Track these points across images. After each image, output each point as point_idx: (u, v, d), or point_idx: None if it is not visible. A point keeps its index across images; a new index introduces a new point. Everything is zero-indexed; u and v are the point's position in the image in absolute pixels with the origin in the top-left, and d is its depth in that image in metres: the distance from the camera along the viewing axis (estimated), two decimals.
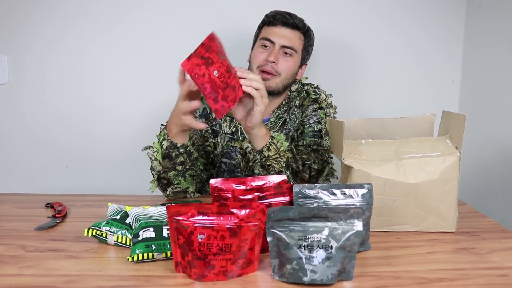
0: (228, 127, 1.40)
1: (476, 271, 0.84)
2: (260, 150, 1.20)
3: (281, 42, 1.34)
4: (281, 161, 1.21)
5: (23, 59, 1.77)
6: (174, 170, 1.20)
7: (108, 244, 0.93)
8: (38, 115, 1.80)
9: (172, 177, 1.21)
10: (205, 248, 0.78)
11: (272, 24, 1.36)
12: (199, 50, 0.98)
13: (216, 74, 0.99)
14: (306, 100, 1.43)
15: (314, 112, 1.40)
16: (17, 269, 0.83)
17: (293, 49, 1.35)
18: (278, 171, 1.21)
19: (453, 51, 1.87)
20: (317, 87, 1.45)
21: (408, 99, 1.89)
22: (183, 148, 1.17)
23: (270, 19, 1.37)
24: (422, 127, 1.14)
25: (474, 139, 1.70)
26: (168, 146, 1.16)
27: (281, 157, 1.21)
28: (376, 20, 1.84)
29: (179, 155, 1.18)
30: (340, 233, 0.79)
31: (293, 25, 1.35)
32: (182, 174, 1.21)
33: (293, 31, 1.36)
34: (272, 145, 1.19)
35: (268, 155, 1.19)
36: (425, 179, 1.00)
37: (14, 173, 1.83)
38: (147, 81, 1.80)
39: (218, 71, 0.99)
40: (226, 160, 1.41)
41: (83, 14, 1.75)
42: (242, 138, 1.39)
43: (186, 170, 1.21)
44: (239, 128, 1.40)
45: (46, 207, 1.20)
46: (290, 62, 1.36)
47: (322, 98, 1.41)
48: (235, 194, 0.91)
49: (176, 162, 1.18)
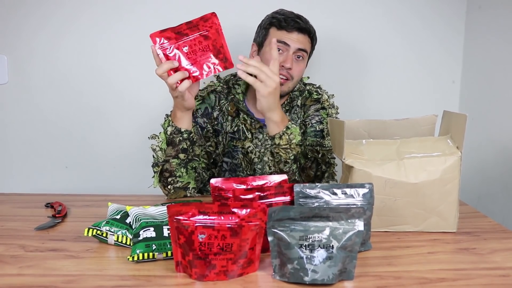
0: (229, 126, 1.40)
1: (477, 271, 0.83)
2: (272, 136, 1.21)
3: (296, 46, 1.34)
4: (289, 153, 1.21)
5: (23, 59, 1.77)
6: (177, 158, 1.21)
7: (108, 244, 0.93)
8: (38, 115, 1.80)
9: (174, 167, 1.21)
10: (206, 248, 0.77)
11: (284, 28, 1.34)
12: (180, 26, 1.10)
13: (185, 50, 1.11)
14: (308, 100, 1.43)
15: (316, 112, 1.40)
16: (17, 269, 0.82)
17: (305, 52, 1.36)
18: (284, 161, 1.22)
19: (453, 51, 1.87)
20: (319, 87, 1.45)
21: (408, 99, 1.89)
22: (186, 133, 1.19)
23: (281, 22, 1.34)
24: (424, 127, 1.13)
25: (475, 140, 1.70)
26: (172, 131, 1.19)
27: (291, 149, 1.21)
28: (376, 21, 1.83)
29: (182, 141, 1.19)
30: (341, 233, 0.78)
31: (306, 29, 1.35)
32: (184, 165, 1.22)
33: (305, 36, 1.36)
34: (285, 135, 1.20)
35: (278, 143, 1.20)
36: (426, 179, 1.00)
37: (14, 173, 1.83)
38: (146, 80, 1.80)
39: (190, 47, 1.11)
40: (228, 159, 1.41)
41: (82, 14, 1.75)
42: (244, 138, 1.39)
43: (189, 161, 1.22)
44: (241, 128, 1.40)
45: (46, 207, 1.20)
46: (302, 65, 1.38)
47: (324, 98, 1.41)
48: (236, 193, 0.91)
49: (179, 149, 1.20)
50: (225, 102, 1.41)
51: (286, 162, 1.22)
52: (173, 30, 1.10)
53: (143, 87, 1.80)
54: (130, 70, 1.79)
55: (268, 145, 1.24)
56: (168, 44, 1.10)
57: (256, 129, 1.40)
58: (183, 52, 1.10)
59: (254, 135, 1.40)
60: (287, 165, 1.23)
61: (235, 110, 1.41)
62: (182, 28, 1.10)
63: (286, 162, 1.22)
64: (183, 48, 1.10)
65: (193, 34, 1.10)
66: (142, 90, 1.80)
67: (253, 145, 1.39)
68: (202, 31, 1.11)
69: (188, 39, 1.10)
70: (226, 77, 1.46)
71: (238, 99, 1.40)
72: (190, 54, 1.11)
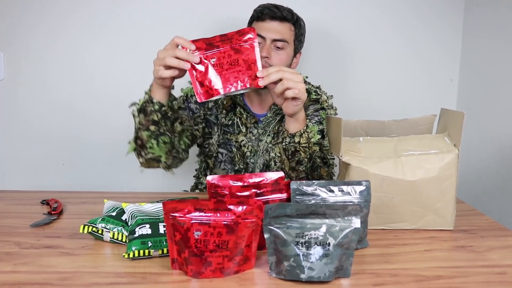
0: (224, 119, 1.41)
1: (474, 269, 0.83)
2: (292, 134, 1.21)
3: (272, 36, 1.33)
4: (307, 151, 1.22)
5: (19, 55, 1.76)
6: (147, 131, 1.19)
7: (104, 241, 0.93)
8: (34, 112, 1.80)
9: (145, 138, 1.19)
10: (202, 245, 0.77)
11: (260, 19, 1.35)
12: (214, 37, 1.06)
13: (213, 62, 1.05)
14: (307, 100, 1.42)
15: (315, 113, 1.40)
16: (12, 266, 0.82)
17: (284, 41, 1.35)
18: (301, 159, 1.22)
19: (451, 49, 1.87)
20: (319, 88, 1.45)
21: (406, 97, 1.89)
22: (158, 105, 1.16)
23: (258, 14, 1.36)
24: (422, 127, 1.13)
25: (472, 138, 1.70)
26: (145, 100, 1.18)
27: (309, 148, 1.21)
28: (374, 19, 1.83)
29: (153, 112, 1.17)
30: (338, 230, 0.78)
31: (281, 17, 1.34)
32: (155, 137, 1.19)
33: (282, 24, 1.35)
34: (305, 133, 1.20)
35: (299, 141, 1.20)
36: (423, 176, 1.00)
37: (9, 170, 1.82)
38: (142, 77, 1.78)
39: (218, 59, 1.05)
40: (223, 150, 1.42)
41: (79, 10, 1.75)
42: (238, 132, 1.40)
43: (160, 134, 1.20)
44: (235, 122, 1.40)
45: (42, 204, 1.19)
46: (282, 55, 1.35)
47: (323, 99, 1.41)
48: (232, 190, 0.91)
49: (150, 120, 1.17)
50: None
51: (302, 160, 1.22)
52: (205, 40, 1.05)
53: (140, 84, 1.78)
54: (126, 66, 1.79)
55: (286, 142, 1.22)
56: (197, 53, 1.05)
57: (251, 123, 1.40)
58: (210, 63, 1.05)
59: (249, 130, 1.40)
60: (303, 164, 1.23)
61: (230, 104, 1.41)
62: (215, 40, 1.06)
63: (303, 161, 1.22)
64: (211, 59, 1.05)
65: (224, 46, 1.06)
66: (139, 87, 1.78)
67: (246, 139, 1.39)
68: (234, 45, 1.06)
69: (218, 50, 1.05)
70: None
71: None
72: (216, 67, 1.05)
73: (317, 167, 1.29)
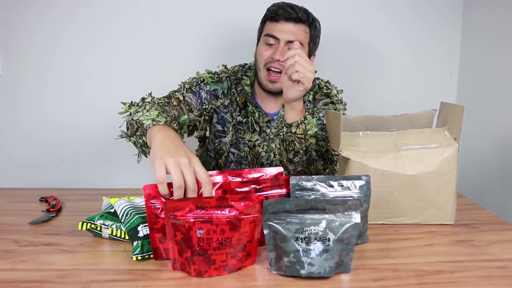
0: (238, 117, 1.39)
1: (475, 263, 0.83)
2: (289, 124, 1.22)
3: (286, 38, 1.29)
4: (303, 143, 1.22)
5: (17, 53, 1.75)
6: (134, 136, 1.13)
7: (103, 238, 0.93)
8: (33, 109, 1.79)
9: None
10: (205, 243, 0.76)
11: (274, 20, 1.31)
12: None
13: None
14: (318, 94, 1.41)
15: (325, 106, 1.38)
16: (10, 264, 0.81)
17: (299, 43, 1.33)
18: (297, 151, 1.23)
19: (451, 43, 1.87)
20: (328, 82, 1.44)
21: (406, 92, 1.89)
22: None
23: (272, 14, 1.31)
24: (422, 121, 1.12)
25: (472, 132, 1.70)
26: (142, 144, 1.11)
27: (305, 139, 1.22)
28: (373, 14, 1.82)
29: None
30: (338, 225, 0.78)
31: (296, 19, 1.30)
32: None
33: (297, 25, 1.30)
34: (302, 124, 1.22)
35: (295, 132, 1.21)
36: (423, 170, 0.99)
37: (8, 167, 1.82)
38: (142, 76, 1.79)
39: None
40: (235, 150, 1.40)
41: (79, 8, 1.74)
42: (252, 130, 1.38)
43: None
44: (250, 120, 1.38)
45: (41, 201, 1.19)
46: None
47: (333, 93, 1.39)
48: (231, 186, 0.90)
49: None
50: (235, 92, 1.40)
51: (297, 152, 1.23)
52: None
53: (139, 82, 1.78)
54: (126, 65, 1.78)
55: (283, 132, 1.23)
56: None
57: (264, 122, 1.37)
58: None
59: (262, 129, 1.38)
60: (298, 155, 1.23)
61: (243, 101, 1.39)
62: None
63: (298, 153, 1.23)
64: None
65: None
66: (138, 85, 1.78)
67: (261, 139, 1.37)
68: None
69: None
70: (234, 68, 1.43)
71: (246, 91, 1.38)
72: None
73: (313, 161, 1.28)
